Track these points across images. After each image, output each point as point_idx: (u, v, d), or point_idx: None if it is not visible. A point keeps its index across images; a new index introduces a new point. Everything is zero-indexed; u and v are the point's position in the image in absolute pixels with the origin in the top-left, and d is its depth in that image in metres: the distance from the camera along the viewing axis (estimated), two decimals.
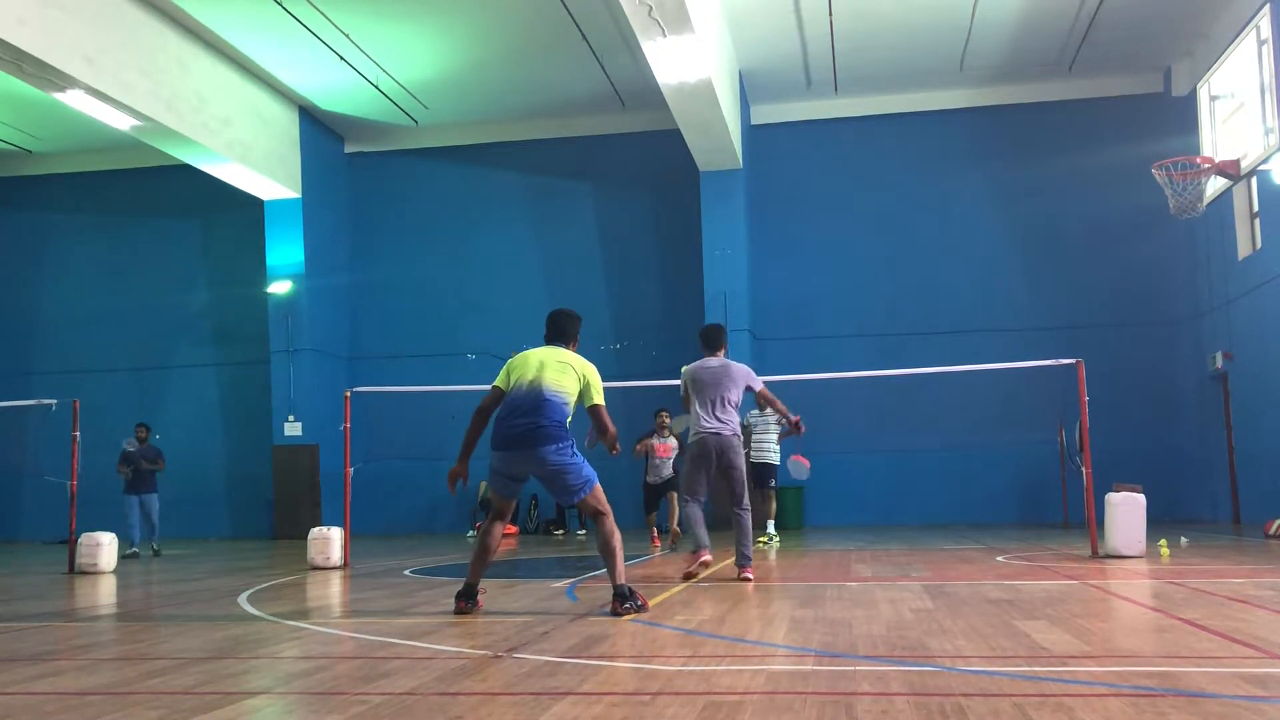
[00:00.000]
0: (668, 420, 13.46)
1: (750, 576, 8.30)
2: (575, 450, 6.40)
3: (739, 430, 8.47)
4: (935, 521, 18.01)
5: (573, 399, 6.47)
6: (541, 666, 4.46)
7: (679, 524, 12.23)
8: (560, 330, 6.77)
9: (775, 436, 13.77)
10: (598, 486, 6.42)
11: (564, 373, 6.47)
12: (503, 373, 6.60)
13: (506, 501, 6.56)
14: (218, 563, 12.67)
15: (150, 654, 5.14)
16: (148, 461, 14.87)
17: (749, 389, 8.51)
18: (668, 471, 13.42)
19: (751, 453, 13.80)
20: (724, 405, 8.35)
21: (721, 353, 8.67)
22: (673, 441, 13.35)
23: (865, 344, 18.71)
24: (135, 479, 14.79)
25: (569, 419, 6.43)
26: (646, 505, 13.87)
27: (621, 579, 6.23)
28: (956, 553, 11.18)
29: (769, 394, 8.73)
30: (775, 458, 13.78)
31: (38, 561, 13.61)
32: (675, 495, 12.91)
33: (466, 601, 6.38)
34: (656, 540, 13.40)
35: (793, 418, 9.11)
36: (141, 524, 14.75)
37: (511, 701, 3.77)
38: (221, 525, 20.46)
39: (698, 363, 8.62)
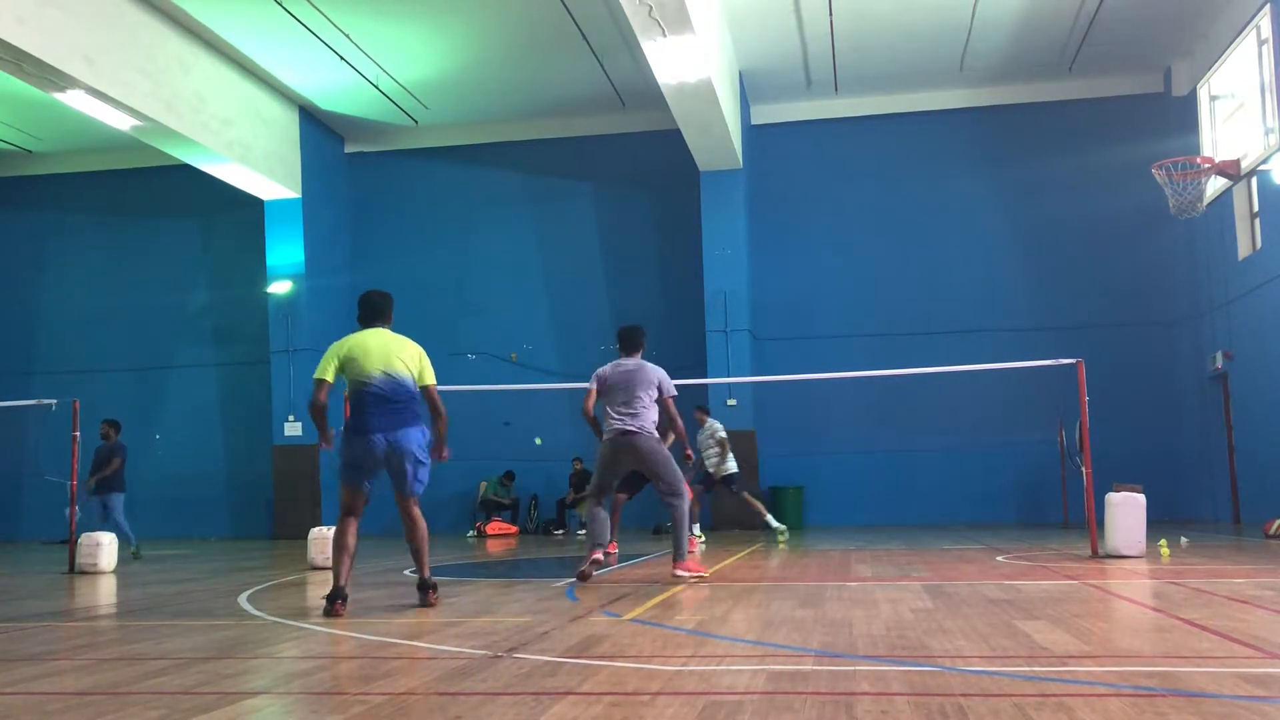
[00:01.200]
0: None
1: (682, 574, 8.04)
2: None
3: (653, 427, 8.23)
4: (935, 521, 18.01)
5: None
6: (541, 666, 4.46)
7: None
8: (380, 311, 7.04)
9: (716, 450, 13.94)
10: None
11: (407, 357, 6.87)
12: (329, 361, 6.80)
13: (359, 493, 6.76)
14: (218, 563, 12.67)
15: (150, 654, 5.14)
16: (102, 463, 13.66)
17: (661, 392, 8.28)
18: None
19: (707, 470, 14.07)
20: (632, 403, 8.15)
21: (638, 355, 8.52)
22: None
23: (864, 344, 18.71)
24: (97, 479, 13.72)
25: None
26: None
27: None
28: (956, 553, 11.17)
29: (673, 409, 8.51)
30: (731, 466, 13.96)
31: (38, 561, 13.60)
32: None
33: (341, 603, 6.50)
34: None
35: (687, 450, 9.08)
36: (108, 527, 13.30)
37: (511, 701, 3.77)
38: (221, 525, 20.46)
39: (611, 364, 8.49)
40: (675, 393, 8.46)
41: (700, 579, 8.12)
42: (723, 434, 14.02)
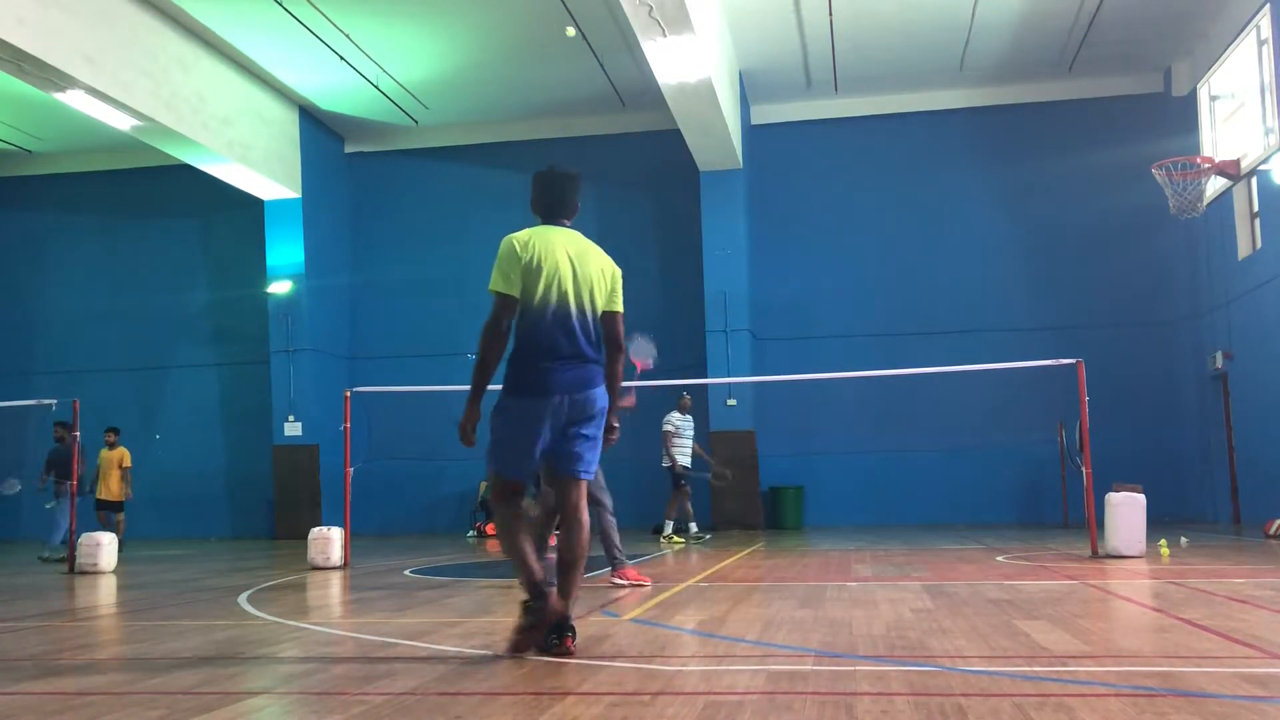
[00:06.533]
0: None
1: (620, 582, 7.63)
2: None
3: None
4: (935, 521, 18.01)
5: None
6: (541, 666, 4.46)
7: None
8: (564, 200, 4.85)
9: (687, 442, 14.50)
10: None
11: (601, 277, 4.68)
12: (508, 267, 4.66)
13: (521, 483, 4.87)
14: (218, 563, 12.67)
15: (150, 654, 5.14)
16: None
17: None
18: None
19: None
20: None
21: None
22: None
23: (864, 344, 18.71)
24: None
25: None
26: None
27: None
28: (956, 553, 11.17)
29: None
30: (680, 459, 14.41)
31: (38, 561, 13.60)
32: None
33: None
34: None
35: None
36: None
37: (511, 701, 3.77)
38: (221, 525, 20.46)
39: None
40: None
41: (639, 586, 7.67)
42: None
